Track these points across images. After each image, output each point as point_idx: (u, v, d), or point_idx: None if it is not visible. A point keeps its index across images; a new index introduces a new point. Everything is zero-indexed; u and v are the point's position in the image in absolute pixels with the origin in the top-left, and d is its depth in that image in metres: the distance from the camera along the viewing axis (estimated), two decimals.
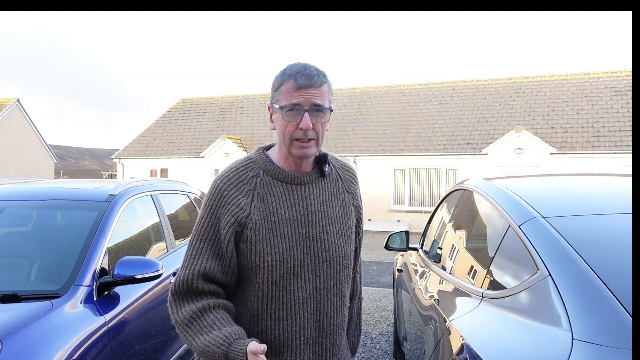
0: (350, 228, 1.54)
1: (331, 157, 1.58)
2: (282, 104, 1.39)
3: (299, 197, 1.46)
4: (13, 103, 25.48)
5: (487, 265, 1.88)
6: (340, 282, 1.49)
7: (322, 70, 1.43)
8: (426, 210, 17.04)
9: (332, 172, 1.56)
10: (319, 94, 1.40)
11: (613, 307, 1.23)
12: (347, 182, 1.58)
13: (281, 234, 1.41)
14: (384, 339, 4.98)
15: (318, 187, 1.50)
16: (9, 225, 3.02)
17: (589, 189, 2.21)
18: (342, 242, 1.50)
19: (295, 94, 1.38)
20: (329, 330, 1.47)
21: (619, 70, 18.72)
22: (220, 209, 1.41)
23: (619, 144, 15.46)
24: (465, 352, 1.47)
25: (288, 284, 1.41)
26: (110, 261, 2.65)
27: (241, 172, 1.46)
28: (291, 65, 1.43)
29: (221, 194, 1.43)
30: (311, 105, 1.39)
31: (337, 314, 1.49)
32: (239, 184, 1.44)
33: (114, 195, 3.00)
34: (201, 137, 22.08)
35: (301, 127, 1.38)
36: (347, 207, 1.55)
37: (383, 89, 22.12)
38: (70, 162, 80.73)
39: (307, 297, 1.42)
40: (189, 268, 1.41)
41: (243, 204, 1.41)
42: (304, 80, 1.38)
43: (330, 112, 1.43)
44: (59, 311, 2.20)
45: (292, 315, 1.42)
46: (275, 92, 1.44)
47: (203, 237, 1.42)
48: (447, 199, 3.24)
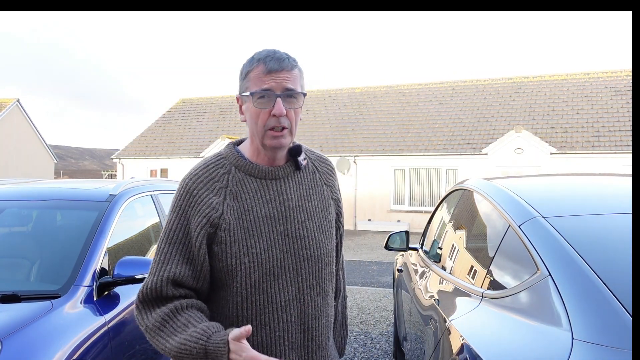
0: (331, 223, 1.46)
1: (306, 149, 1.50)
2: (253, 90, 1.31)
3: (275, 192, 1.37)
4: (13, 103, 25.48)
5: (487, 265, 1.88)
6: (323, 281, 1.41)
7: (292, 55, 1.35)
8: (426, 210, 17.04)
9: (308, 164, 1.47)
10: (291, 78, 1.32)
11: (613, 307, 1.24)
12: (324, 174, 1.50)
13: (258, 233, 1.32)
14: (384, 339, 4.99)
15: (294, 181, 1.42)
16: (9, 225, 3.02)
17: (589, 189, 2.21)
18: (323, 237, 1.41)
19: (265, 78, 1.30)
20: (314, 332, 1.39)
21: (619, 70, 18.73)
22: (190, 209, 1.31)
23: (619, 143, 15.47)
24: (465, 352, 1.47)
25: (268, 286, 1.31)
26: (110, 261, 2.65)
27: (211, 169, 1.37)
28: (259, 51, 1.35)
29: (190, 193, 1.33)
30: (283, 89, 1.30)
31: (322, 315, 1.41)
32: (209, 181, 1.34)
33: (114, 195, 3.00)
34: (201, 137, 22.09)
35: (274, 114, 1.30)
36: (326, 201, 1.46)
37: (383, 89, 22.12)
38: (70, 162, 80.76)
39: (289, 299, 1.34)
40: (157, 274, 1.30)
41: (215, 203, 1.31)
42: (274, 63, 1.30)
43: (303, 98, 1.35)
44: (59, 311, 2.20)
45: (274, 319, 1.32)
46: (243, 79, 1.35)
47: (172, 240, 1.32)
48: (447, 199, 3.24)
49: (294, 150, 1.43)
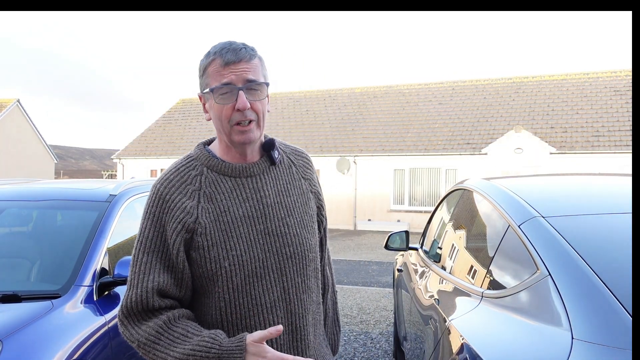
0: (312, 217, 1.41)
1: (280, 143, 1.44)
2: (213, 86, 1.25)
3: (251, 190, 1.31)
4: (13, 103, 25.48)
5: (487, 265, 1.88)
6: (308, 278, 1.36)
7: (250, 45, 1.30)
8: (426, 210, 17.04)
9: (283, 158, 1.41)
10: (251, 69, 1.25)
11: (613, 307, 1.24)
12: (301, 167, 1.45)
13: (237, 234, 1.26)
14: (384, 339, 4.99)
15: (270, 176, 1.36)
16: (10, 226, 3.03)
17: (589, 189, 2.22)
18: (305, 233, 1.35)
19: (224, 72, 1.24)
20: (302, 331, 1.34)
21: (619, 70, 18.73)
22: (164, 215, 1.25)
23: (619, 143, 15.47)
24: (465, 352, 1.47)
25: (252, 288, 1.26)
26: (110, 261, 2.65)
27: (182, 171, 1.31)
28: (214, 45, 1.29)
29: (163, 198, 1.26)
30: (244, 81, 1.24)
31: (309, 313, 1.37)
32: (181, 185, 1.28)
33: (114, 195, 3.00)
34: (201, 137, 22.08)
35: (238, 108, 1.23)
36: (306, 195, 1.41)
37: (383, 89, 22.12)
38: (70, 162, 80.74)
39: (274, 300, 1.28)
40: (139, 286, 1.22)
41: (189, 207, 1.25)
42: (230, 55, 1.24)
43: (267, 87, 1.29)
44: (60, 311, 2.20)
45: (260, 322, 1.27)
46: (202, 76, 1.30)
47: (149, 249, 1.25)
48: (447, 199, 3.24)
49: (267, 144, 1.37)
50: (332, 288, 1.61)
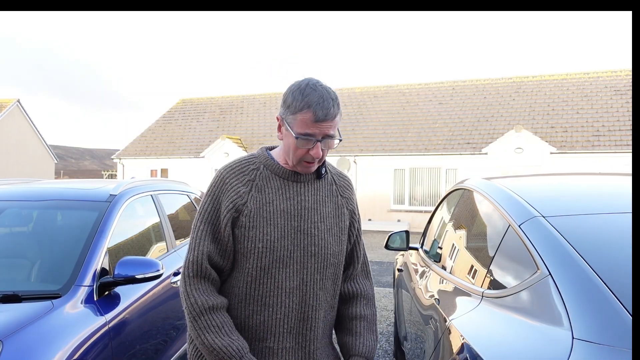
0: (342, 230, 1.60)
1: (329, 164, 1.66)
2: (297, 132, 1.45)
3: (294, 192, 1.54)
4: (13, 103, 25.48)
5: (487, 265, 1.88)
6: (326, 278, 1.55)
7: (335, 95, 1.47)
8: (426, 210, 17.04)
9: (328, 176, 1.64)
10: (333, 126, 1.46)
11: (613, 307, 1.24)
12: (341, 187, 1.66)
13: (274, 223, 1.49)
14: (384, 339, 4.99)
15: (314, 186, 1.58)
16: (10, 226, 3.02)
17: (589, 189, 2.21)
18: (331, 240, 1.56)
19: (312, 126, 1.43)
20: (312, 322, 1.53)
21: (619, 70, 18.72)
22: (222, 195, 1.50)
23: (619, 143, 15.47)
24: (466, 352, 1.47)
25: (277, 272, 1.48)
26: (110, 261, 2.65)
27: (244, 164, 1.56)
28: (310, 92, 1.44)
29: (223, 181, 1.52)
30: (324, 135, 1.46)
31: (321, 308, 1.55)
32: (240, 174, 1.53)
33: (115, 195, 3.00)
34: (201, 137, 22.08)
35: (312, 154, 1.47)
36: (340, 210, 1.62)
37: (383, 89, 22.12)
38: (71, 162, 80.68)
39: (293, 288, 1.49)
40: (197, 249, 1.48)
41: (242, 192, 1.50)
42: (321, 114, 1.42)
43: (339, 142, 1.52)
44: (60, 311, 2.20)
45: (277, 303, 1.48)
46: (290, 113, 1.46)
47: (206, 220, 1.50)
48: (447, 199, 3.24)
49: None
50: (363, 295, 1.70)
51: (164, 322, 3.01)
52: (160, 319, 2.97)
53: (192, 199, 4.33)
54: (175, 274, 3.28)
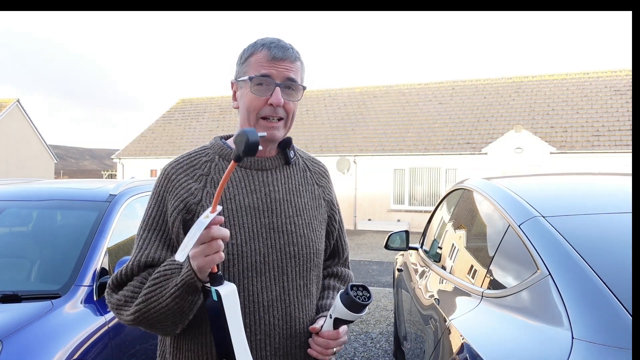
0: (321, 223, 1.37)
1: (297, 149, 1.43)
2: (251, 75, 1.23)
3: (261, 183, 1.28)
4: (13, 103, 25.48)
5: (487, 265, 1.88)
6: (310, 282, 1.30)
7: (296, 48, 1.29)
8: (426, 210, 17.04)
9: (298, 161, 1.39)
10: (293, 69, 1.24)
11: (613, 307, 1.24)
12: (316, 174, 1.42)
13: (239, 224, 1.21)
14: (384, 339, 4.99)
15: (283, 174, 1.33)
16: (10, 226, 3.03)
17: (589, 189, 2.21)
18: (312, 236, 1.31)
19: (267, 64, 1.22)
20: (301, 338, 1.26)
21: (619, 70, 18.72)
22: (167, 194, 1.24)
23: (619, 143, 15.47)
24: (465, 352, 1.47)
25: (250, 283, 1.20)
26: (110, 261, 2.65)
27: (193, 157, 1.30)
28: (263, 38, 1.28)
29: (169, 178, 1.26)
30: (284, 78, 1.23)
31: (310, 320, 1.30)
32: (189, 168, 1.27)
33: (114, 195, 3.00)
34: (201, 137, 22.08)
35: (271, 102, 1.21)
36: (317, 200, 1.37)
37: (383, 89, 22.12)
38: (70, 162, 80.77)
39: (272, 299, 1.22)
40: (133, 260, 1.21)
41: (194, 189, 1.23)
42: (278, 51, 1.23)
43: (303, 91, 1.28)
44: (59, 311, 2.20)
45: (255, 320, 1.20)
46: (242, 64, 1.27)
47: (150, 226, 1.24)
48: (447, 199, 3.24)
49: (283, 142, 1.34)
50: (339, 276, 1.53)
51: None
52: None
53: None
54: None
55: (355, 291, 1.18)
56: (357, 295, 1.17)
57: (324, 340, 1.23)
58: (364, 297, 1.17)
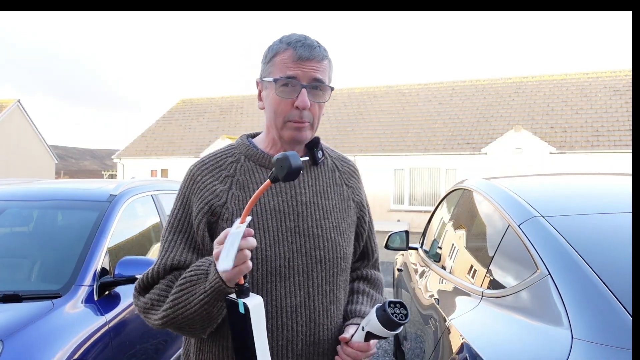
0: (349, 225, 1.32)
1: (327, 147, 1.38)
2: (276, 76, 1.18)
3: (287, 185, 1.24)
4: (14, 104, 25.48)
5: (486, 265, 1.88)
6: (337, 288, 1.26)
7: (323, 45, 1.24)
8: (426, 210, 17.04)
9: (327, 161, 1.35)
10: (320, 69, 1.19)
11: (613, 307, 1.24)
12: (345, 174, 1.37)
13: (264, 227, 1.19)
14: None
15: (310, 176, 1.29)
16: (10, 226, 3.03)
17: (589, 189, 2.22)
18: (340, 240, 1.26)
19: (292, 65, 1.17)
20: (325, 345, 1.23)
21: (618, 70, 18.72)
22: (192, 195, 1.22)
23: (618, 143, 15.47)
24: (465, 352, 1.47)
25: (273, 287, 1.17)
26: (111, 261, 2.66)
27: (219, 157, 1.27)
28: (288, 35, 1.23)
29: (194, 180, 1.23)
30: (310, 79, 1.18)
31: (335, 326, 1.26)
32: (215, 169, 1.24)
33: (115, 195, 3.00)
34: (201, 137, 22.07)
35: (297, 105, 1.18)
36: (346, 202, 1.33)
37: (383, 89, 22.11)
38: (71, 162, 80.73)
39: (296, 305, 1.19)
40: (159, 262, 1.20)
41: (219, 190, 1.21)
42: (304, 50, 1.17)
43: (330, 92, 1.24)
44: (60, 311, 2.20)
45: (278, 326, 1.18)
46: (267, 63, 1.23)
47: (176, 228, 1.22)
48: (446, 199, 3.24)
49: (311, 142, 1.30)
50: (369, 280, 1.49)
51: None
52: None
53: None
54: None
55: (393, 308, 1.13)
56: (395, 313, 1.12)
57: (353, 351, 1.19)
58: (401, 316, 1.13)
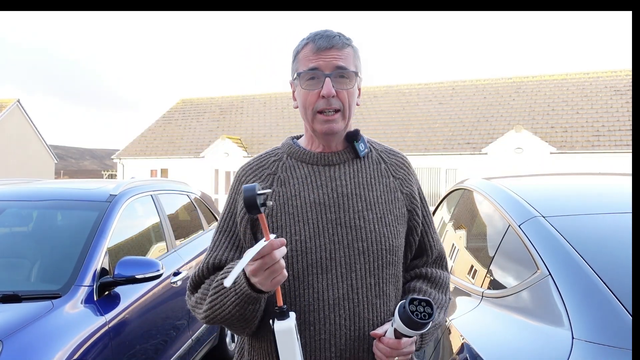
0: (397, 218, 1.27)
1: (372, 141, 1.37)
2: (300, 71, 1.22)
3: (328, 178, 1.25)
4: (13, 103, 25.49)
5: (487, 265, 1.88)
6: (383, 282, 1.22)
7: (346, 35, 1.25)
8: None
9: (371, 153, 1.33)
10: (342, 56, 1.21)
11: (613, 307, 1.24)
12: (392, 165, 1.34)
13: (304, 219, 1.20)
14: None
15: (352, 168, 1.28)
16: (10, 226, 3.03)
17: (589, 189, 2.21)
18: (385, 231, 1.23)
19: (313, 57, 1.20)
20: (371, 341, 1.19)
21: (619, 70, 18.72)
22: (237, 196, 1.27)
23: (619, 143, 15.47)
24: (466, 352, 1.47)
25: (315, 280, 1.17)
26: (110, 261, 2.65)
27: (263, 157, 1.33)
28: (311, 32, 1.27)
29: (240, 181, 1.29)
30: (333, 68, 1.20)
31: (382, 322, 1.21)
32: (258, 169, 1.29)
33: (115, 195, 3.00)
34: (201, 137, 22.08)
35: (323, 94, 1.19)
36: (393, 193, 1.29)
37: (383, 89, 22.11)
38: (71, 162, 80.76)
39: (339, 298, 1.17)
40: (205, 261, 1.26)
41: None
42: (323, 41, 1.20)
43: (357, 78, 1.24)
44: (60, 311, 2.20)
45: (320, 319, 1.17)
46: (293, 62, 1.28)
47: (222, 228, 1.28)
48: (447, 199, 3.24)
49: (350, 134, 1.30)
50: (431, 279, 1.37)
51: (164, 322, 3.01)
52: (160, 319, 2.97)
53: (192, 199, 4.33)
54: (175, 274, 3.28)
55: (416, 305, 1.07)
56: (416, 312, 1.06)
57: (384, 347, 1.15)
58: (423, 314, 1.06)
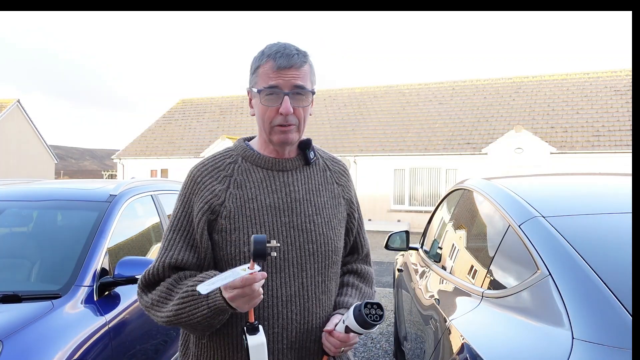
0: (340, 221, 1.42)
1: (318, 149, 1.48)
2: (260, 87, 1.29)
3: (282, 183, 1.35)
4: (13, 104, 25.49)
5: (487, 265, 1.88)
6: (329, 279, 1.36)
7: (302, 50, 1.33)
8: (426, 210, 17.04)
9: (318, 161, 1.45)
10: (300, 75, 1.29)
11: (613, 307, 1.24)
12: (336, 173, 1.47)
13: (260, 222, 1.29)
14: (385, 339, 4.99)
15: (303, 174, 1.39)
16: (10, 226, 3.03)
17: (589, 189, 2.21)
18: (331, 234, 1.36)
19: (273, 75, 1.27)
20: (318, 332, 1.33)
21: (619, 70, 18.72)
22: (193, 196, 1.32)
23: (619, 143, 15.47)
24: (466, 352, 1.47)
25: (270, 278, 1.27)
26: (110, 261, 2.65)
27: (218, 159, 1.38)
28: (270, 45, 1.33)
29: (194, 181, 1.33)
30: (291, 87, 1.28)
31: (327, 315, 1.36)
32: (214, 170, 1.34)
33: (115, 195, 3.00)
34: (201, 137, 22.08)
35: (281, 112, 1.28)
36: (337, 199, 1.43)
37: (383, 89, 22.11)
38: (71, 162, 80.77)
39: (291, 295, 1.29)
40: (159, 260, 1.30)
41: (217, 190, 1.31)
42: (283, 60, 1.27)
43: (312, 95, 1.33)
44: (60, 311, 2.20)
45: (274, 314, 1.28)
46: (253, 74, 1.34)
47: (176, 227, 1.32)
48: (447, 199, 3.24)
49: (303, 143, 1.40)
50: (359, 274, 1.55)
51: None
52: None
53: None
54: None
55: (369, 309, 1.22)
56: (369, 314, 1.21)
57: (335, 340, 1.28)
58: (375, 317, 1.22)
